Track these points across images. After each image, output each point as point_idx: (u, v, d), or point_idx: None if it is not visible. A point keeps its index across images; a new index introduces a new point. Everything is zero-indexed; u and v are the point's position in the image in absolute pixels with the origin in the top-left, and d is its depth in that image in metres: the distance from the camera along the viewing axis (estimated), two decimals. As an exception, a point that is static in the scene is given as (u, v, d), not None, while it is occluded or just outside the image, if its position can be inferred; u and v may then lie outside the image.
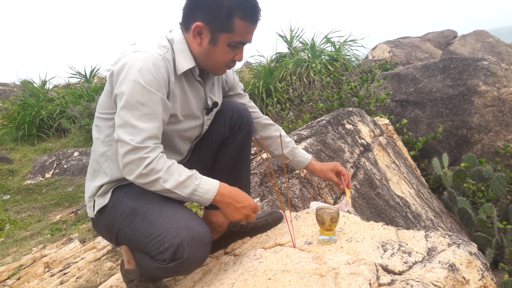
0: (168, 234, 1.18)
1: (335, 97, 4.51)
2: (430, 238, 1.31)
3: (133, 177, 1.18)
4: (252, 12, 1.26)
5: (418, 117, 4.85)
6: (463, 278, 1.11)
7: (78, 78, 10.38)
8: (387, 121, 3.87)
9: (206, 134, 1.51)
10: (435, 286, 1.04)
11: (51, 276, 2.56)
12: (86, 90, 9.14)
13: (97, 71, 10.49)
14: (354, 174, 2.49)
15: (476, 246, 1.28)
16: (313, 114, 4.69)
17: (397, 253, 1.22)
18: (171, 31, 1.35)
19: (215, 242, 1.60)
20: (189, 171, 1.24)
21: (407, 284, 1.04)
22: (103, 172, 1.34)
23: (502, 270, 3.27)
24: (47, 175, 5.82)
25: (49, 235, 3.56)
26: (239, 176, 1.57)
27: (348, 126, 2.91)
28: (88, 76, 10.29)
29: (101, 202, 1.33)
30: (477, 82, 4.79)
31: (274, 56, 8.10)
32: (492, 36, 9.74)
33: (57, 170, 5.89)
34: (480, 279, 1.18)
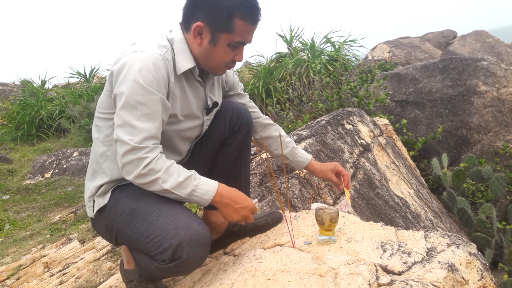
0: (167, 234, 1.18)
1: (335, 97, 4.52)
2: (430, 238, 1.31)
3: (132, 177, 1.18)
4: (252, 12, 1.26)
5: (417, 117, 4.86)
6: (463, 278, 1.12)
7: (78, 78, 10.38)
8: (387, 121, 3.88)
9: (206, 134, 1.51)
10: (435, 286, 1.04)
11: (51, 276, 2.56)
12: (86, 90, 9.14)
13: (96, 71, 10.49)
14: (354, 174, 2.49)
15: (475, 246, 1.28)
16: (312, 114, 4.69)
17: (396, 253, 1.22)
18: (171, 31, 1.34)
19: (215, 242, 1.60)
20: (188, 172, 1.24)
21: (407, 284, 1.04)
22: (103, 172, 1.34)
23: (502, 270, 3.28)
24: (47, 175, 5.82)
25: (48, 235, 3.56)
26: (239, 176, 1.57)
27: (347, 126, 2.91)
28: (87, 76, 10.29)
29: (100, 202, 1.33)
30: (476, 82, 4.79)
31: (273, 56, 8.10)
32: (491, 36, 9.75)
33: (56, 170, 5.89)
34: (479, 279, 1.18)
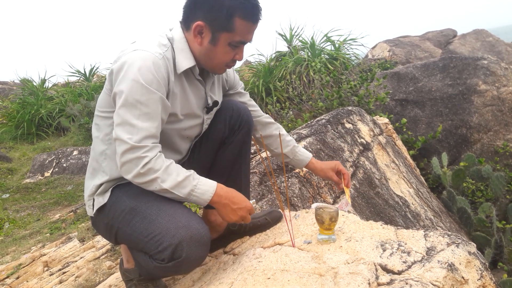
0: (167, 234, 1.18)
1: (335, 96, 4.51)
2: (429, 237, 1.31)
3: (130, 176, 1.18)
4: (252, 12, 1.25)
5: (417, 116, 4.85)
6: (462, 277, 1.12)
7: (78, 76, 10.38)
8: (387, 120, 3.88)
9: (206, 133, 1.51)
10: (434, 285, 1.04)
11: (50, 275, 2.56)
12: (86, 88, 9.14)
13: (96, 70, 10.50)
14: (354, 173, 2.48)
15: (475, 245, 1.28)
16: (312, 113, 4.69)
17: (396, 252, 1.22)
18: (171, 30, 1.34)
19: (214, 241, 1.60)
20: (187, 171, 1.24)
21: (406, 283, 1.04)
22: (103, 170, 1.34)
23: (501, 270, 3.28)
24: (46, 174, 5.82)
25: (48, 234, 3.56)
26: (239, 175, 1.57)
27: (347, 125, 2.91)
28: (87, 74, 10.29)
29: (100, 201, 1.33)
30: (476, 81, 4.79)
31: (273, 55, 8.09)
32: (491, 35, 9.74)
33: (56, 169, 5.89)
34: (479, 279, 1.18)
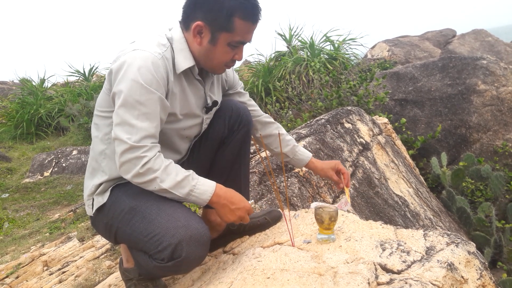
0: (166, 233, 1.17)
1: (334, 96, 4.51)
2: (429, 237, 1.31)
3: (130, 176, 1.18)
4: (252, 12, 1.26)
5: (417, 116, 4.86)
6: (462, 277, 1.12)
7: (77, 76, 10.37)
8: (386, 120, 3.88)
9: (206, 133, 1.51)
10: (434, 285, 1.05)
11: (50, 274, 2.56)
12: (85, 88, 9.13)
13: (96, 70, 10.48)
14: (353, 173, 2.49)
15: (474, 245, 1.28)
16: (312, 113, 4.69)
17: (395, 252, 1.22)
18: (171, 30, 1.34)
19: (214, 241, 1.60)
20: (186, 171, 1.24)
21: (406, 283, 1.04)
22: (102, 170, 1.34)
23: (501, 269, 3.28)
24: (46, 174, 5.81)
25: (47, 234, 3.56)
26: (238, 175, 1.57)
27: (347, 125, 2.91)
28: (87, 74, 10.27)
29: (99, 200, 1.33)
30: (476, 81, 4.79)
31: (273, 54, 8.09)
32: (491, 35, 9.74)
33: (55, 169, 5.88)
34: (478, 278, 1.18)
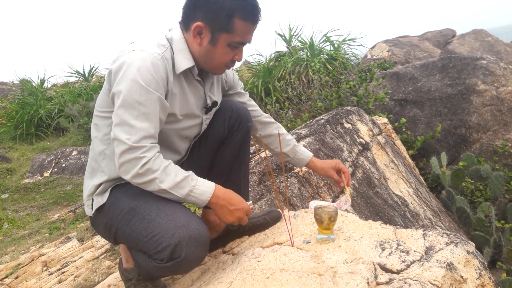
0: (166, 234, 1.18)
1: (334, 96, 4.51)
2: (428, 237, 1.31)
3: (129, 176, 1.18)
4: (252, 13, 1.26)
5: (416, 116, 4.86)
6: (461, 277, 1.12)
7: (77, 77, 10.37)
8: (386, 120, 3.88)
9: (205, 133, 1.51)
10: (433, 285, 1.05)
11: (49, 275, 2.56)
12: (85, 89, 9.13)
13: (95, 70, 10.49)
14: (353, 173, 2.49)
15: (474, 245, 1.28)
16: (312, 113, 4.69)
17: (395, 252, 1.22)
18: (170, 30, 1.34)
19: (214, 241, 1.60)
20: (185, 172, 1.24)
21: (405, 283, 1.04)
22: (101, 170, 1.34)
23: (500, 269, 3.28)
24: (46, 174, 5.81)
25: (47, 234, 3.56)
26: (238, 175, 1.57)
27: (346, 125, 2.91)
28: (86, 75, 10.28)
29: (99, 201, 1.33)
30: (475, 81, 4.79)
31: (273, 55, 8.09)
32: (490, 35, 9.74)
33: (55, 169, 5.88)
34: (477, 278, 1.18)
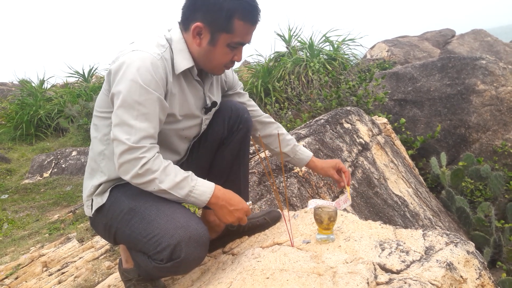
0: (165, 234, 1.17)
1: (334, 96, 4.52)
2: (428, 237, 1.31)
3: (128, 177, 1.18)
4: (252, 13, 1.26)
5: (416, 116, 4.86)
6: (461, 277, 1.12)
7: (76, 77, 10.37)
8: (385, 120, 3.88)
9: (205, 133, 1.51)
10: (433, 285, 1.05)
11: (49, 275, 2.56)
12: (84, 89, 9.13)
13: (95, 70, 10.48)
14: (352, 173, 2.49)
15: (473, 245, 1.28)
16: (311, 113, 4.70)
17: (395, 252, 1.22)
18: (170, 31, 1.34)
19: (213, 241, 1.60)
20: (185, 172, 1.24)
21: (405, 283, 1.04)
22: (101, 171, 1.34)
23: (500, 269, 3.28)
24: (45, 175, 5.81)
25: (47, 235, 3.56)
26: (238, 175, 1.57)
27: (346, 125, 2.91)
28: (86, 75, 10.28)
29: (99, 201, 1.33)
30: (475, 81, 4.80)
31: (272, 55, 8.09)
32: (490, 35, 9.74)
33: (55, 170, 5.88)
34: (477, 278, 1.18)
